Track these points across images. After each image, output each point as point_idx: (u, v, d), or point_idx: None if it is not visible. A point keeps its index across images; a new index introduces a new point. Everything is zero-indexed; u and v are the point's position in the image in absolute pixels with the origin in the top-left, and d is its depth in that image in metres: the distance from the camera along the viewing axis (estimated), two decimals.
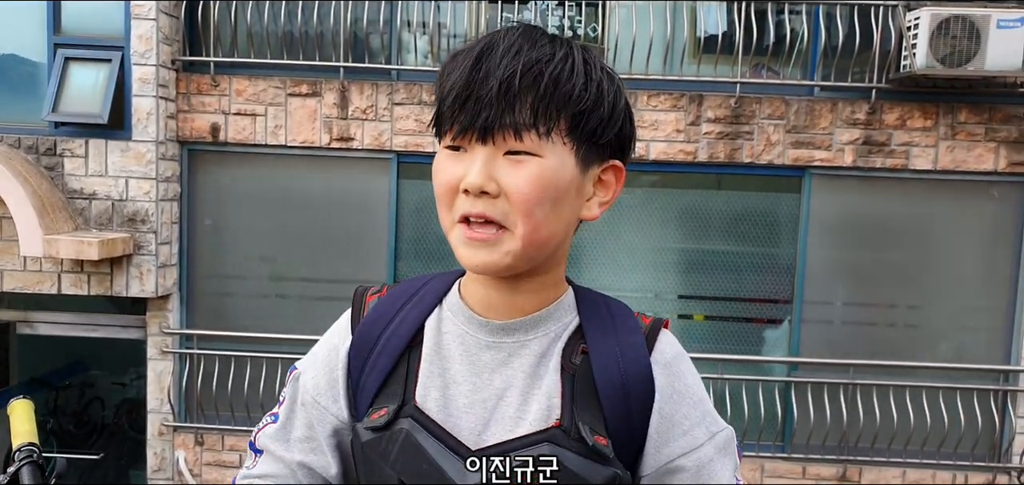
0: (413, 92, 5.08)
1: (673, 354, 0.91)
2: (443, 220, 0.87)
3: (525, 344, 0.89)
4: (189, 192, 5.29)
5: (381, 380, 0.90)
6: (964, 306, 5.22)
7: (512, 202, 0.82)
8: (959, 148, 4.99)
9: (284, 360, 5.19)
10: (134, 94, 4.86)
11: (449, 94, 0.83)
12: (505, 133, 0.80)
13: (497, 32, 0.84)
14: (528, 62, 0.80)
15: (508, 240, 0.83)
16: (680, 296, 5.37)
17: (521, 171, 0.81)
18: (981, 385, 5.12)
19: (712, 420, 0.90)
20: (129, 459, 6.71)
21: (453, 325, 0.92)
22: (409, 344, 0.91)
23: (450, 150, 0.85)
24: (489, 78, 0.80)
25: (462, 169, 0.83)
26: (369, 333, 0.93)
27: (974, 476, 5.13)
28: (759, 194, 5.24)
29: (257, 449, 0.97)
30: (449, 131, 0.84)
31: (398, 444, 0.85)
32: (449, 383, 0.89)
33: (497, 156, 0.82)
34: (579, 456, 0.83)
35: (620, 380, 0.87)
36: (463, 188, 0.82)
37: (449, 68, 0.85)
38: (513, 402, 0.87)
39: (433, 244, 5.32)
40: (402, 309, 0.93)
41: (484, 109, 0.80)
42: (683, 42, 5.09)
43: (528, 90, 0.80)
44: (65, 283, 4.98)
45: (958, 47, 4.55)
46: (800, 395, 5.17)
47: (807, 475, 5.17)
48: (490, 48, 0.82)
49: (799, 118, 5.01)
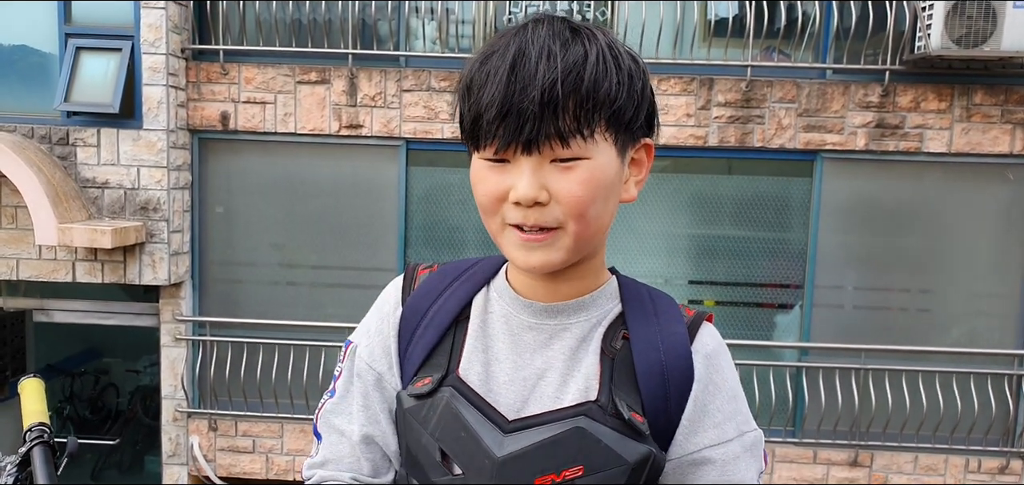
0: (422, 78, 5.07)
1: (714, 346, 0.92)
2: (489, 225, 0.87)
3: (567, 327, 0.90)
4: (200, 180, 5.32)
5: (427, 351, 0.92)
6: (978, 290, 5.17)
7: (565, 207, 0.82)
8: (974, 130, 4.93)
9: (296, 346, 5.23)
10: (144, 83, 4.88)
11: (488, 108, 0.80)
12: (552, 142, 0.80)
13: (522, 31, 0.83)
14: (566, 68, 0.79)
15: (562, 238, 0.84)
16: (691, 281, 5.36)
17: (571, 176, 0.81)
18: (994, 369, 5.08)
19: (744, 419, 0.91)
20: (144, 445, 6.80)
21: (499, 305, 0.94)
22: (456, 319, 0.93)
23: (492, 162, 0.84)
24: (529, 89, 0.78)
25: (508, 180, 0.83)
26: (419, 305, 0.95)
27: (987, 461, 5.10)
28: (770, 178, 5.21)
29: (319, 434, 0.98)
30: (490, 145, 0.82)
31: (438, 411, 0.88)
32: (491, 360, 0.91)
33: (544, 164, 0.81)
34: (614, 431, 0.84)
35: (659, 366, 0.87)
36: (514, 200, 0.82)
37: (479, 77, 0.82)
38: (553, 382, 0.89)
39: (443, 231, 5.33)
40: (451, 285, 0.96)
41: (527, 122, 0.79)
42: (693, 25, 5.05)
43: (570, 97, 0.79)
44: (79, 271, 5.03)
45: (974, 28, 4.48)
46: (811, 380, 5.15)
47: (818, 460, 5.16)
48: (521, 54, 0.80)
49: (811, 101, 4.96)
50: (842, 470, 5.15)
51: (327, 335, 5.26)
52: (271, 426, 5.35)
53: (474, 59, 0.85)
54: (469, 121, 0.84)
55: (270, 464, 5.39)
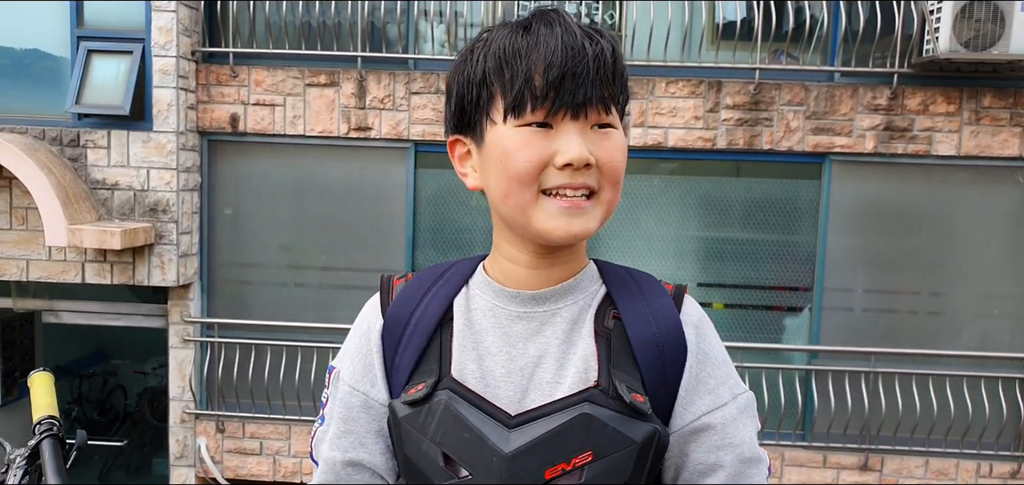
0: (430, 81, 5.08)
1: (699, 316, 0.93)
2: (520, 197, 0.85)
3: (556, 312, 0.91)
4: (209, 182, 5.34)
5: (416, 358, 0.91)
6: (988, 293, 5.15)
7: (605, 172, 0.86)
8: (983, 133, 4.91)
9: (304, 348, 5.23)
10: (155, 85, 4.91)
11: (547, 70, 0.82)
12: (598, 108, 0.85)
13: (542, 18, 0.86)
14: (610, 44, 0.86)
15: (597, 206, 0.87)
16: (699, 284, 5.34)
17: (610, 142, 0.86)
18: (1005, 373, 5.05)
19: (735, 382, 0.92)
20: (151, 446, 6.80)
21: (482, 300, 0.93)
22: (440, 322, 0.92)
23: (532, 127, 0.84)
24: (581, 56, 0.83)
25: (552, 146, 0.84)
26: (400, 314, 0.94)
27: (999, 465, 5.06)
28: (779, 181, 5.20)
29: (314, 460, 0.99)
30: (540, 109, 0.83)
31: (437, 416, 0.87)
32: (484, 355, 0.90)
33: (586, 129, 0.85)
34: (618, 414, 0.84)
35: (655, 339, 0.89)
36: (565, 162, 0.83)
37: (517, 46, 0.84)
38: (549, 368, 0.88)
39: (451, 232, 5.33)
40: (431, 289, 0.95)
41: (582, 86, 0.83)
42: (701, 28, 5.05)
43: (612, 68, 0.85)
44: (89, 272, 5.05)
45: (982, 31, 4.47)
46: (821, 383, 5.13)
47: (828, 464, 5.13)
48: (550, 25, 0.85)
49: (819, 104, 4.96)
50: (852, 474, 5.12)
51: (335, 337, 5.26)
52: (278, 428, 5.35)
53: (481, 44, 0.88)
54: (514, 89, 0.84)
55: (277, 466, 5.39)
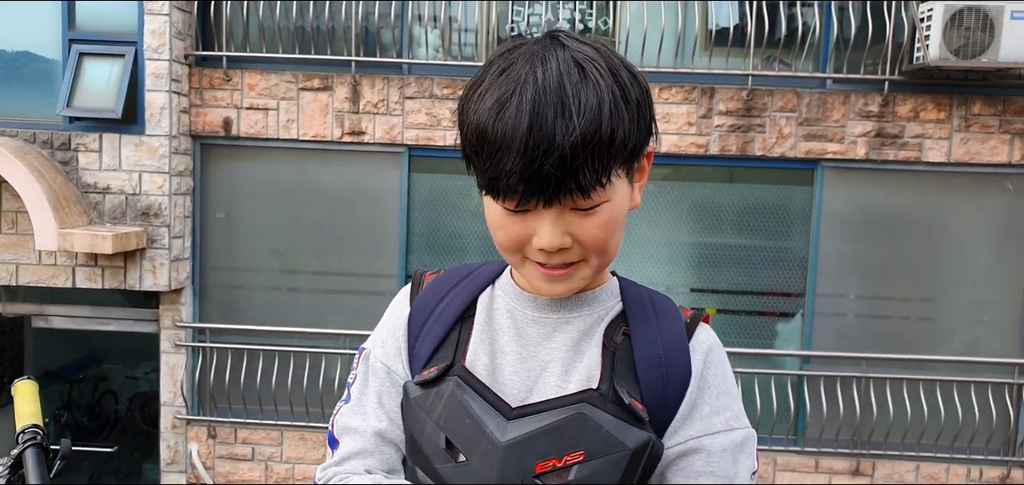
0: (424, 86, 5.08)
1: (710, 345, 0.94)
2: (509, 258, 0.92)
3: (569, 321, 0.93)
4: (202, 186, 5.32)
5: (434, 346, 0.96)
6: (978, 299, 5.19)
7: (587, 247, 0.86)
8: (973, 140, 4.96)
9: (296, 353, 5.21)
10: (147, 89, 4.89)
11: (509, 175, 0.79)
12: (574, 196, 0.81)
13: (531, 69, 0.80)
14: (583, 127, 0.77)
15: (583, 269, 0.89)
16: (692, 289, 5.36)
17: (593, 221, 0.85)
18: (995, 378, 5.08)
19: (734, 416, 0.91)
20: (142, 452, 6.75)
21: (504, 302, 0.97)
22: (462, 316, 0.97)
23: (512, 212, 0.84)
24: (549, 153, 0.77)
25: (529, 228, 0.85)
26: (426, 303, 1.00)
27: (988, 470, 5.10)
28: (771, 187, 5.23)
29: (334, 441, 0.99)
30: (511, 200, 0.82)
31: (443, 400, 0.90)
32: (497, 352, 0.94)
33: (565, 212, 0.84)
34: (615, 417, 0.86)
35: (658, 359, 0.90)
36: (539, 248, 0.85)
37: (495, 130, 0.79)
38: (555, 372, 0.91)
39: (444, 237, 5.33)
40: (457, 286, 1.00)
41: (549, 186, 0.79)
42: (694, 35, 5.08)
43: (588, 156, 0.78)
44: (79, 277, 5.02)
45: (972, 39, 4.52)
46: (813, 389, 5.15)
47: (820, 469, 5.15)
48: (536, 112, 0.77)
49: (811, 111, 4.99)
50: (844, 479, 5.14)
51: (328, 342, 5.25)
52: (270, 434, 5.33)
53: (482, 88, 0.82)
54: (487, 177, 0.83)
55: (269, 472, 5.37)
